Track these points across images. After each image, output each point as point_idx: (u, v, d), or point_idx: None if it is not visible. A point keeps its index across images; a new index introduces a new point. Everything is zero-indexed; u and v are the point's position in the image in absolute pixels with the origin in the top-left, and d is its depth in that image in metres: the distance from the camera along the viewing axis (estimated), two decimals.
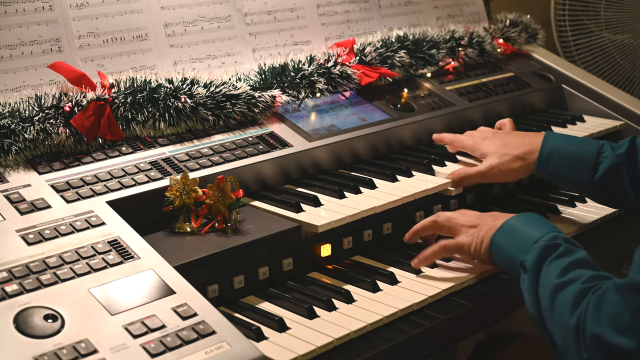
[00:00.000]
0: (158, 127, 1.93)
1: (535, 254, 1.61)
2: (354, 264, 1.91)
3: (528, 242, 1.65)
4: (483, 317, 1.86)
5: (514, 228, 1.72)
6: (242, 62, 2.27)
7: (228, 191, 1.73)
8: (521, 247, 1.66)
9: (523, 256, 1.64)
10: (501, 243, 1.73)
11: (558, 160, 2.01)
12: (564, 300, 1.49)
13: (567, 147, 2.02)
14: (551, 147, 2.02)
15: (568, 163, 2.01)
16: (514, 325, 2.87)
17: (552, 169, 2.03)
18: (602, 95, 2.75)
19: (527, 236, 1.67)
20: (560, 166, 2.01)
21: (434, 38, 2.58)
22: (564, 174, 2.03)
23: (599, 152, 1.98)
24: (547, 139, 2.04)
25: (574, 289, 1.49)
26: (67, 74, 1.88)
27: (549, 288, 1.54)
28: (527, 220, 1.74)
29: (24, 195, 1.66)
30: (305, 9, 2.47)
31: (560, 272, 1.54)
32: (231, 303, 1.70)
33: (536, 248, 1.62)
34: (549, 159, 2.02)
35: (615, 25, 3.66)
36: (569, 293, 1.49)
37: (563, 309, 1.49)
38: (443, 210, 2.15)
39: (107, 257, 1.52)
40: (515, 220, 1.74)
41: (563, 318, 1.48)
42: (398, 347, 1.61)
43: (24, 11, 1.93)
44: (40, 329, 1.34)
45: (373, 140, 2.24)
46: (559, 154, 2.02)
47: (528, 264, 1.61)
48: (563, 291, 1.51)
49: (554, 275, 1.55)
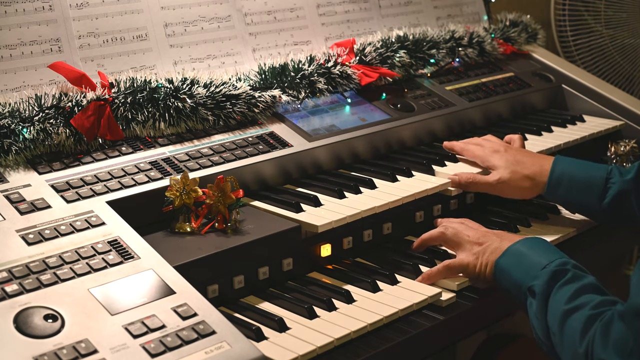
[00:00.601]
0: (158, 127, 1.93)
1: (544, 279, 1.61)
2: (354, 264, 1.91)
3: (536, 267, 1.65)
4: (483, 317, 1.86)
5: (520, 253, 1.72)
6: (242, 62, 2.27)
7: (228, 191, 1.73)
8: (528, 272, 1.66)
9: (531, 281, 1.64)
10: (507, 267, 1.72)
11: (567, 185, 2.02)
12: (573, 326, 1.51)
13: (576, 172, 2.03)
14: (560, 172, 2.03)
15: (577, 188, 2.02)
16: (514, 326, 2.87)
17: (561, 193, 2.04)
18: (602, 95, 2.75)
19: (535, 261, 1.67)
20: (569, 191, 2.02)
21: (434, 38, 2.58)
22: (573, 198, 2.04)
23: (608, 177, 1.99)
24: (556, 164, 2.05)
25: (583, 315, 1.51)
26: (67, 74, 1.88)
27: (559, 314, 1.55)
28: (533, 245, 1.74)
29: (24, 195, 1.66)
30: (305, 9, 2.47)
31: (569, 298, 1.55)
32: (231, 303, 1.70)
33: (545, 273, 1.62)
34: (558, 184, 2.03)
35: (616, 25, 3.65)
36: (578, 319, 1.51)
37: (572, 335, 1.50)
38: (443, 211, 2.15)
39: (107, 257, 1.52)
40: (522, 245, 1.74)
41: (573, 344, 1.50)
42: (398, 347, 1.61)
43: (24, 11, 1.93)
44: (40, 329, 1.34)
45: (373, 140, 2.24)
46: (568, 179, 2.02)
47: (537, 289, 1.62)
48: (572, 317, 1.52)
49: (563, 301, 1.56)
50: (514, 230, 2.08)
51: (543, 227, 2.12)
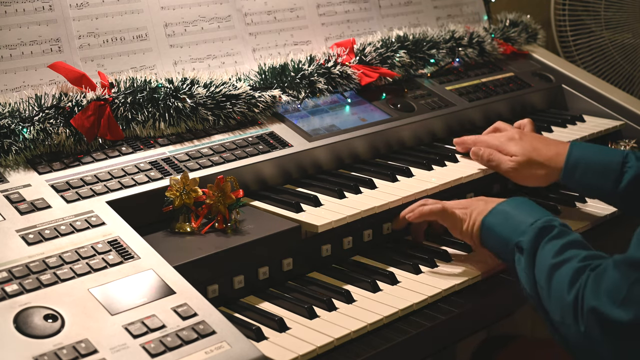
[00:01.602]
0: (158, 127, 1.93)
1: (531, 235, 1.65)
2: (354, 264, 1.91)
3: (523, 224, 1.70)
4: (483, 317, 1.86)
5: (506, 212, 1.77)
6: (242, 62, 2.27)
7: (228, 191, 1.73)
8: (516, 229, 1.71)
9: (518, 237, 1.68)
10: (493, 225, 1.77)
11: (583, 170, 2.03)
12: (560, 279, 1.54)
13: (592, 157, 2.04)
14: (577, 157, 2.05)
15: (593, 173, 2.03)
16: (514, 326, 2.87)
17: (577, 178, 2.05)
18: (602, 95, 2.75)
19: (522, 219, 1.72)
20: (586, 176, 2.04)
21: (434, 38, 2.58)
22: (589, 183, 2.05)
23: (624, 162, 2.00)
24: (572, 149, 2.06)
25: (571, 266, 1.54)
26: (67, 74, 1.88)
27: (546, 267, 1.58)
28: (519, 204, 1.78)
29: (24, 195, 1.66)
30: (305, 9, 2.47)
31: (556, 252, 1.59)
32: (231, 303, 1.70)
33: (532, 229, 1.66)
34: (574, 169, 2.04)
35: (616, 25, 3.65)
36: (566, 271, 1.54)
37: (560, 286, 1.53)
38: None
39: (107, 257, 1.52)
40: (507, 205, 1.79)
41: (560, 294, 1.52)
42: (398, 347, 1.61)
43: (24, 11, 1.93)
44: (40, 329, 1.34)
45: (373, 140, 2.24)
46: (585, 163, 2.04)
47: (524, 244, 1.66)
48: (560, 269, 1.55)
49: (550, 255, 1.59)
50: None
51: None
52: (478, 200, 1.89)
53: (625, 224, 2.26)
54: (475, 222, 1.82)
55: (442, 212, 1.88)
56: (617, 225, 2.24)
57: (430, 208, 1.89)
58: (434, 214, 1.89)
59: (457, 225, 1.86)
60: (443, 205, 1.88)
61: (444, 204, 1.89)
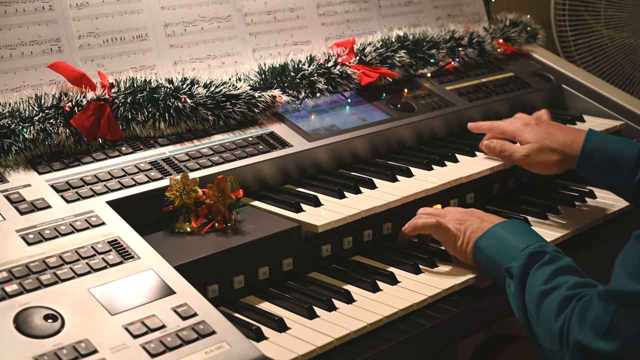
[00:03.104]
0: (158, 127, 1.93)
1: (521, 261, 1.65)
2: (354, 264, 1.91)
3: (514, 249, 1.69)
4: (483, 317, 1.86)
5: (499, 235, 1.76)
6: (242, 62, 2.27)
7: (228, 191, 1.73)
8: (507, 253, 1.70)
9: (509, 262, 1.68)
10: (486, 248, 1.76)
11: (598, 159, 2.03)
12: (549, 306, 1.53)
13: (608, 146, 2.04)
14: (593, 146, 2.04)
15: (608, 163, 2.03)
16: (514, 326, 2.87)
17: (592, 167, 2.04)
18: (602, 95, 2.75)
19: (513, 243, 1.71)
20: (601, 165, 2.04)
21: (434, 38, 2.58)
22: (603, 173, 2.05)
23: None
24: (589, 137, 2.06)
25: (559, 294, 1.53)
26: (67, 74, 1.88)
27: (535, 294, 1.58)
28: (512, 227, 1.77)
29: (24, 195, 1.66)
30: (305, 9, 2.47)
31: (546, 279, 1.58)
32: (231, 303, 1.70)
33: (523, 255, 1.66)
34: (590, 157, 2.04)
35: (616, 25, 3.65)
36: (554, 299, 1.53)
37: (548, 314, 1.53)
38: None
39: (107, 257, 1.52)
40: (501, 228, 1.78)
41: (548, 322, 1.52)
42: (398, 347, 1.61)
43: (24, 11, 1.93)
44: (40, 329, 1.34)
45: (373, 140, 2.24)
46: (600, 153, 2.03)
47: (514, 270, 1.65)
48: (549, 297, 1.55)
49: (540, 282, 1.59)
50: None
51: (543, 227, 2.11)
52: (473, 216, 1.87)
53: (624, 225, 2.26)
54: (469, 242, 1.81)
55: (436, 226, 1.86)
56: (618, 226, 2.24)
57: (424, 222, 1.87)
58: (427, 228, 1.87)
59: (450, 241, 1.85)
60: (437, 220, 1.86)
61: (438, 218, 1.87)
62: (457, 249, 1.84)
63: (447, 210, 1.92)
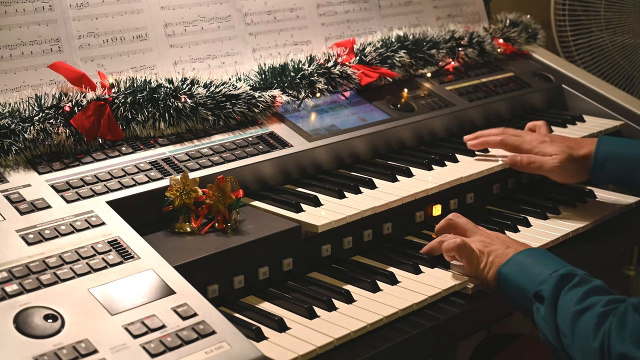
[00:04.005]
0: (158, 127, 1.93)
1: (552, 283, 1.62)
2: (354, 264, 1.91)
3: (542, 274, 1.66)
4: (483, 317, 1.86)
5: (524, 262, 1.72)
6: (242, 62, 2.27)
7: (228, 191, 1.73)
8: (534, 278, 1.66)
9: (538, 286, 1.64)
10: (511, 275, 1.72)
11: (613, 164, 2.06)
12: (585, 325, 1.51)
13: (621, 150, 2.07)
14: (605, 152, 2.08)
15: (623, 166, 2.06)
16: (514, 326, 2.87)
17: (607, 172, 2.08)
18: (602, 95, 2.75)
19: (540, 270, 1.67)
20: (616, 169, 2.07)
21: (434, 38, 2.58)
22: (620, 176, 2.08)
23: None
24: (600, 144, 2.10)
25: (594, 312, 1.52)
26: (67, 74, 1.88)
27: (569, 315, 1.56)
28: (537, 255, 1.74)
29: (24, 195, 1.66)
30: (305, 9, 2.47)
31: (579, 299, 1.56)
32: (231, 303, 1.70)
33: (553, 277, 1.63)
34: (604, 163, 2.07)
35: (615, 25, 3.65)
36: (590, 317, 1.51)
37: (585, 332, 1.51)
38: (443, 210, 2.15)
39: (107, 257, 1.52)
40: (525, 255, 1.74)
41: (586, 341, 1.50)
42: (398, 347, 1.61)
43: (24, 11, 1.93)
44: (40, 329, 1.34)
45: (373, 140, 2.24)
46: (614, 157, 2.07)
47: (545, 293, 1.62)
48: (584, 316, 1.53)
49: (573, 302, 1.57)
50: (513, 230, 2.08)
51: (543, 227, 2.11)
52: (498, 239, 1.83)
53: (626, 225, 2.26)
54: (492, 269, 1.77)
55: (461, 247, 1.81)
56: (617, 226, 2.24)
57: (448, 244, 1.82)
58: (452, 249, 1.82)
59: (473, 263, 1.80)
60: (462, 240, 1.81)
61: (463, 238, 1.83)
62: (479, 273, 1.79)
63: (474, 228, 1.89)
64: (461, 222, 1.91)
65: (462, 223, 1.90)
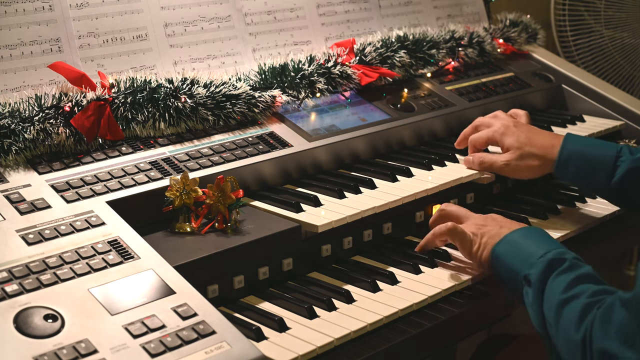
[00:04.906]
0: (158, 127, 1.93)
1: (540, 268, 1.61)
2: (354, 264, 1.91)
3: (533, 256, 1.64)
4: (483, 317, 1.86)
5: (517, 241, 1.72)
6: (242, 62, 2.27)
7: (228, 191, 1.73)
8: (525, 260, 1.66)
9: (527, 270, 1.63)
10: (503, 254, 1.72)
11: (577, 162, 2.02)
12: (569, 316, 1.49)
13: (586, 149, 2.03)
14: (570, 149, 2.04)
15: (586, 166, 2.02)
16: (514, 326, 2.87)
17: (571, 170, 2.04)
18: (602, 95, 2.75)
19: (531, 250, 1.66)
20: (579, 168, 2.02)
21: (434, 38, 2.58)
22: (582, 176, 2.03)
23: (618, 156, 1.99)
24: (566, 141, 2.05)
25: (579, 303, 1.49)
26: (67, 74, 1.88)
27: (554, 303, 1.54)
28: (531, 234, 1.73)
29: (24, 195, 1.66)
30: (305, 9, 2.47)
31: (565, 287, 1.54)
32: (231, 303, 1.70)
33: (541, 262, 1.61)
34: (568, 161, 2.03)
35: (616, 25, 3.66)
36: (574, 308, 1.49)
37: (568, 323, 1.49)
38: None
39: (107, 257, 1.52)
40: (519, 234, 1.74)
41: (568, 332, 1.48)
42: (398, 347, 1.61)
43: (24, 11, 1.93)
44: (40, 329, 1.34)
45: (373, 140, 2.24)
46: (578, 156, 2.02)
47: (533, 277, 1.61)
48: (568, 306, 1.51)
49: (559, 290, 1.54)
50: None
51: (543, 227, 2.10)
52: (493, 220, 1.84)
53: (626, 225, 2.26)
54: (485, 248, 1.77)
55: (451, 230, 1.82)
56: (618, 226, 2.24)
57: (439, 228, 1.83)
58: (443, 233, 1.83)
59: (466, 246, 1.81)
60: (453, 224, 1.82)
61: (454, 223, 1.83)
62: (473, 255, 1.80)
63: (467, 213, 1.89)
64: (453, 209, 1.92)
65: (454, 210, 1.92)
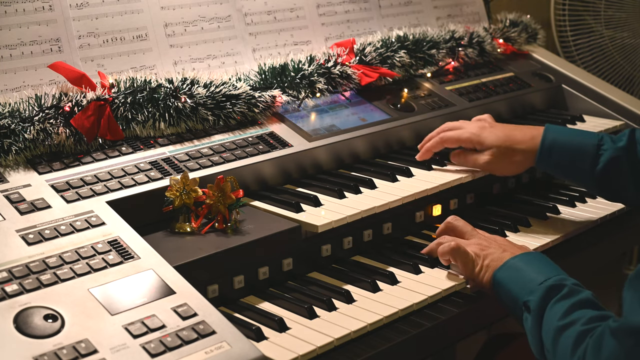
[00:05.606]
0: (158, 127, 1.93)
1: (539, 295, 1.60)
2: (354, 264, 1.91)
3: (533, 282, 1.63)
4: (483, 317, 1.86)
5: (518, 267, 1.70)
6: (242, 62, 2.27)
7: (228, 191, 1.73)
8: (525, 286, 1.65)
9: (527, 296, 1.63)
10: (504, 280, 1.70)
11: (559, 153, 2.01)
12: (565, 343, 1.50)
13: (567, 139, 2.02)
14: (552, 140, 2.02)
15: (569, 156, 2.00)
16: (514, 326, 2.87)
17: (553, 161, 2.02)
18: (602, 95, 2.75)
19: (532, 277, 1.65)
20: (561, 159, 2.01)
21: (434, 38, 2.58)
22: (565, 166, 2.02)
23: (599, 144, 1.98)
24: (547, 132, 2.04)
25: (574, 330, 1.49)
26: (67, 74, 1.88)
27: (552, 330, 1.54)
28: (532, 260, 1.72)
29: (24, 195, 1.66)
30: (305, 9, 2.47)
31: (563, 314, 1.54)
32: (231, 303, 1.70)
33: (541, 289, 1.61)
34: (550, 152, 2.02)
35: (616, 25, 3.66)
36: (570, 335, 1.49)
37: (565, 350, 1.49)
38: (443, 211, 2.15)
39: (107, 257, 1.52)
40: (520, 260, 1.72)
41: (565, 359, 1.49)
42: (398, 347, 1.61)
43: (24, 11, 1.93)
44: (40, 329, 1.34)
45: (373, 140, 2.24)
46: (560, 146, 2.01)
47: (532, 304, 1.60)
48: (565, 333, 1.51)
49: (557, 317, 1.54)
50: (513, 230, 2.08)
51: (543, 227, 2.11)
52: (496, 243, 1.81)
53: (626, 225, 2.26)
54: (487, 272, 1.75)
55: (455, 250, 1.79)
56: (618, 226, 2.24)
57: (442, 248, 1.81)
58: (446, 253, 1.81)
59: (468, 267, 1.78)
60: (457, 244, 1.79)
61: (458, 241, 1.80)
62: (475, 276, 1.77)
63: (472, 231, 1.87)
64: (459, 224, 1.90)
65: (460, 226, 1.90)
